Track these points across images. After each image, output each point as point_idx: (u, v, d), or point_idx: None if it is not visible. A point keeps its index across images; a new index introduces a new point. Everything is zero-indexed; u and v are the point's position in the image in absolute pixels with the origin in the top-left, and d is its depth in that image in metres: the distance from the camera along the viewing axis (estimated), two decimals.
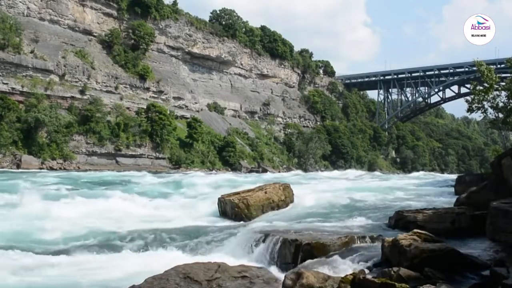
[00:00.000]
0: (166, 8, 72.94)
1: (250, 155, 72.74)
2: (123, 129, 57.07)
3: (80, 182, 28.24)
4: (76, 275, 8.44)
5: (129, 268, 8.83)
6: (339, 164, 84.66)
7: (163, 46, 72.79)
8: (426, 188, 25.96)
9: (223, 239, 10.78)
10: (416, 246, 7.26)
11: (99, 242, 11.22)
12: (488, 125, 37.64)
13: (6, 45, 49.54)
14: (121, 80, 62.62)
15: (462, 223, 10.40)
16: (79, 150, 52.20)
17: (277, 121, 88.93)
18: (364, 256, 8.39)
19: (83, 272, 8.69)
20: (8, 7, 54.02)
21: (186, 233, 12.05)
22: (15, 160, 45.62)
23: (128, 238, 11.69)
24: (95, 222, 13.42)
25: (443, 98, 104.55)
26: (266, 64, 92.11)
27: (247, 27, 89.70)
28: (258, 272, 8.08)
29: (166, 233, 12.12)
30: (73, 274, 8.53)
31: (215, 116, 77.87)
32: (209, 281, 7.43)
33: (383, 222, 12.05)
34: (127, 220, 13.99)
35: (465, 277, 6.62)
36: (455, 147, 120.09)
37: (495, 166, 11.44)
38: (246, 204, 14.08)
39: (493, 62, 61.75)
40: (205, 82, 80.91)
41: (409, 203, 16.15)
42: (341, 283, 6.26)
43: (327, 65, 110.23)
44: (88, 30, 63.45)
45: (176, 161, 61.10)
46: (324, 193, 19.86)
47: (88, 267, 9.06)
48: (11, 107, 46.90)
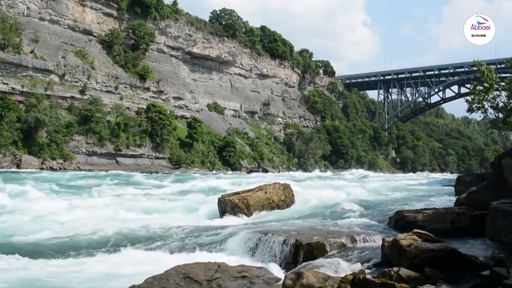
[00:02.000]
0: (166, 8, 73.00)
1: (250, 155, 72.76)
2: (123, 129, 57.10)
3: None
4: (77, 273, 8.44)
5: (128, 268, 8.83)
6: (339, 164, 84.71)
7: (163, 46, 72.83)
8: (426, 188, 25.96)
9: (223, 239, 10.77)
10: (416, 246, 7.25)
11: (99, 242, 11.22)
12: (488, 125, 37.76)
13: (6, 45, 49.59)
14: (121, 80, 62.65)
15: (462, 223, 10.39)
16: (79, 150, 52.23)
17: (277, 121, 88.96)
18: (364, 256, 8.39)
19: (84, 269, 8.69)
20: (8, 7, 54.08)
21: (186, 233, 12.05)
22: (15, 160, 45.64)
23: (128, 238, 11.68)
24: (95, 222, 13.42)
25: (443, 98, 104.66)
26: (266, 64, 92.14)
27: (247, 27, 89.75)
28: (258, 272, 8.08)
29: (166, 233, 12.13)
30: (74, 273, 8.53)
31: (215, 116, 77.90)
32: (209, 281, 7.43)
33: (383, 222, 12.05)
34: (127, 220, 13.99)
35: (465, 277, 6.62)
36: (455, 147, 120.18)
37: (495, 166, 11.43)
38: (246, 204, 14.07)
39: (493, 62, 61.79)
40: (205, 82, 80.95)
41: (409, 203, 16.14)
42: (341, 283, 6.26)
43: (327, 65, 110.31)
44: (88, 30, 63.50)
45: (176, 161, 61.11)
46: (324, 193, 19.85)
47: (88, 266, 9.06)
48: (11, 107, 46.95)
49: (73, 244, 10.84)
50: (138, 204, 17.45)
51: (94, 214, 14.81)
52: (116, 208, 15.89)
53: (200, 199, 18.65)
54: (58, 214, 14.50)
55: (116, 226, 13.04)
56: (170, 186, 25.58)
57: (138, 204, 17.65)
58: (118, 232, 12.38)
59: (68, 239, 11.27)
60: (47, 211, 14.75)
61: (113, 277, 8.23)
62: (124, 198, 19.19)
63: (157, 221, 13.94)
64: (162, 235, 11.90)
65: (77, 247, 10.60)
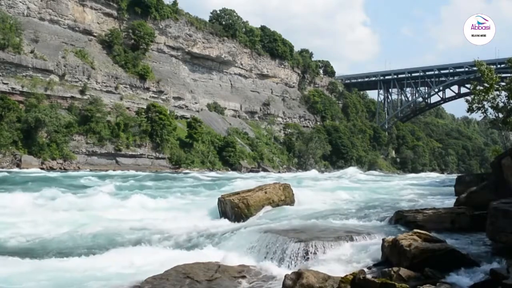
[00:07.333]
0: (166, 8, 72.98)
1: (250, 155, 72.75)
2: (123, 129, 57.07)
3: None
4: (74, 273, 8.44)
5: (128, 268, 8.83)
6: (339, 164, 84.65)
7: (163, 46, 72.80)
8: (426, 188, 25.96)
9: (223, 239, 10.79)
10: (416, 246, 7.26)
11: (99, 241, 11.23)
12: (488, 125, 37.72)
13: (6, 45, 49.56)
14: (121, 80, 62.64)
15: (462, 223, 10.40)
16: (79, 150, 52.20)
17: (277, 121, 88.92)
18: (364, 256, 8.40)
19: (83, 269, 8.69)
20: (8, 7, 54.05)
21: (186, 233, 12.06)
22: (15, 160, 45.63)
23: (128, 238, 11.69)
24: (95, 221, 13.44)
25: (443, 98, 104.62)
26: (266, 64, 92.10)
27: (247, 27, 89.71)
28: (258, 272, 8.09)
29: (166, 233, 12.14)
30: (71, 271, 8.53)
31: (215, 116, 77.88)
32: (209, 281, 7.44)
33: (383, 222, 12.05)
34: (127, 220, 14.01)
35: (465, 277, 6.63)
36: (455, 147, 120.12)
37: (495, 166, 11.43)
38: (246, 204, 14.07)
39: (493, 62, 61.77)
40: (205, 82, 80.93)
41: (409, 203, 16.14)
42: (341, 283, 6.27)
43: (327, 65, 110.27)
44: (88, 30, 63.48)
45: (176, 161, 61.10)
46: (324, 193, 19.86)
47: (87, 265, 9.05)
48: (11, 107, 46.92)
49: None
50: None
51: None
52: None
53: (200, 199, 18.66)
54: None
55: (118, 226, 13.08)
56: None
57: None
58: (117, 231, 12.40)
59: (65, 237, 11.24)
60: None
61: (114, 276, 8.22)
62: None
63: (158, 220, 13.97)
64: (162, 235, 11.91)
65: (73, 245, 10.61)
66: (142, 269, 8.60)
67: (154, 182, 30.38)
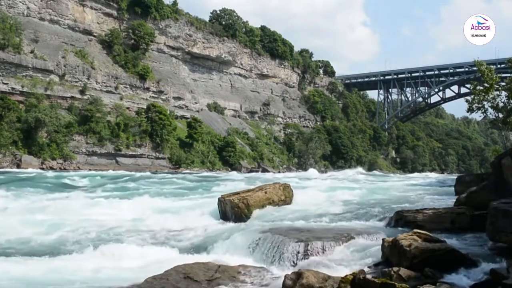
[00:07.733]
0: (166, 8, 72.96)
1: (250, 155, 72.74)
2: (123, 129, 57.05)
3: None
4: (71, 270, 8.44)
5: (128, 268, 8.83)
6: (339, 164, 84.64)
7: (163, 46, 72.80)
8: (426, 188, 25.94)
9: (223, 239, 10.77)
10: (416, 246, 7.26)
11: (98, 240, 11.22)
12: (488, 125, 37.70)
13: (6, 45, 49.55)
14: (121, 80, 62.63)
15: (462, 223, 10.42)
16: (79, 150, 52.20)
17: (277, 121, 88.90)
18: (364, 256, 8.40)
19: (80, 267, 8.69)
20: (8, 7, 54.04)
21: (186, 233, 12.06)
22: (15, 160, 45.62)
23: (128, 237, 11.68)
24: (95, 220, 13.43)
25: (443, 98, 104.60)
26: (266, 64, 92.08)
27: (247, 27, 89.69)
28: (258, 272, 8.09)
29: (166, 233, 12.13)
30: (70, 270, 8.53)
31: (215, 116, 77.86)
32: (209, 281, 7.44)
33: (383, 222, 12.05)
34: (127, 220, 13.99)
35: (465, 277, 6.63)
36: (455, 147, 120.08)
37: (495, 166, 11.44)
38: (246, 204, 14.07)
39: (493, 62, 61.75)
40: (205, 82, 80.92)
41: (409, 203, 16.13)
42: (341, 283, 6.27)
43: (327, 65, 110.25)
44: (88, 30, 63.48)
45: (176, 161, 61.09)
46: (324, 193, 19.85)
47: (87, 263, 9.04)
48: (11, 107, 46.90)
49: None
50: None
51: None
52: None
53: (200, 199, 18.65)
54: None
55: (119, 225, 13.07)
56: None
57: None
58: (118, 231, 12.40)
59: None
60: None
61: (114, 276, 8.22)
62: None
63: (158, 221, 13.95)
64: (162, 235, 11.91)
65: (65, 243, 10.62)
66: (142, 269, 8.60)
67: (135, 183, 29.23)
